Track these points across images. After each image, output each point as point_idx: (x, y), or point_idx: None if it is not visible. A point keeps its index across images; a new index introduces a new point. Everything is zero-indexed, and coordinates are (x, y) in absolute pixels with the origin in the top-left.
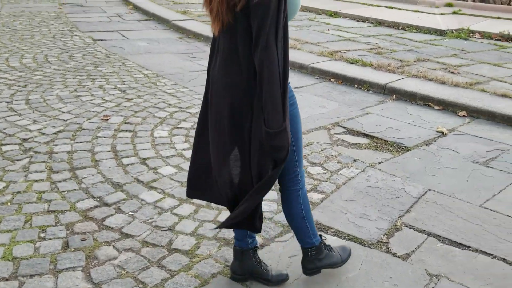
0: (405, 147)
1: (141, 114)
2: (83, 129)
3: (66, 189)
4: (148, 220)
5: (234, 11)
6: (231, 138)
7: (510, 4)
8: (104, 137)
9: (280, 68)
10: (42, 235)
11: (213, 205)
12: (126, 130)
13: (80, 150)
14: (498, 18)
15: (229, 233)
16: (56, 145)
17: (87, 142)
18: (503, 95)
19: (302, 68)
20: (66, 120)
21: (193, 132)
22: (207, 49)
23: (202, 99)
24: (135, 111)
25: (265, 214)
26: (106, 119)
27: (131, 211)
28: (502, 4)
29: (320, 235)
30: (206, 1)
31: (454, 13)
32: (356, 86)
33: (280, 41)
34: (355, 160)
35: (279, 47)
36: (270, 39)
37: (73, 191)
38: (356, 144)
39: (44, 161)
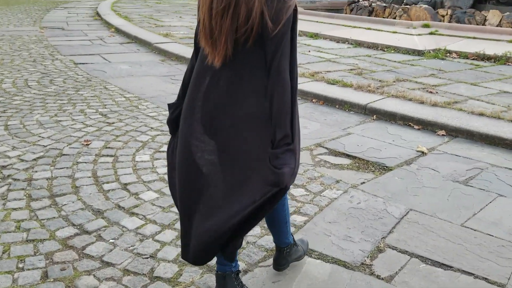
0: (387, 167)
1: (122, 138)
2: (64, 154)
3: (45, 217)
4: (129, 247)
5: (244, 43)
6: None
7: (485, 24)
8: (85, 162)
9: (291, 95)
10: (20, 265)
11: None
12: (107, 155)
13: (60, 177)
14: (474, 38)
15: (212, 260)
16: (36, 171)
17: (67, 168)
18: (481, 114)
19: None
20: (46, 146)
21: None
22: None
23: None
24: (117, 135)
25: (248, 239)
26: (87, 144)
27: (112, 239)
28: (477, 24)
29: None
30: (205, 34)
31: (431, 33)
32: (337, 106)
33: (293, 68)
34: (337, 181)
35: (292, 73)
36: (284, 65)
37: (53, 219)
38: (338, 164)
39: (23, 189)
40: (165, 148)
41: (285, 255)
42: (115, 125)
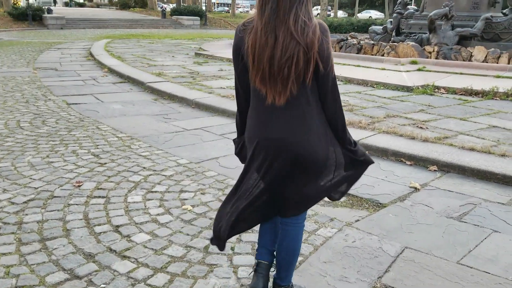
0: (380, 203)
1: (114, 179)
2: (55, 196)
3: (35, 262)
4: None
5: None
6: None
7: (471, 60)
8: (76, 204)
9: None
10: None
11: (188, 273)
12: (99, 196)
13: (51, 219)
14: (461, 73)
15: None
16: (26, 214)
17: (58, 210)
18: (471, 149)
19: None
20: (37, 188)
21: (167, 196)
22: (182, 109)
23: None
24: (109, 176)
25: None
26: (79, 186)
27: (103, 284)
28: (463, 60)
29: None
30: (264, 78)
31: (419, 70)
32: None
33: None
34: (332, 219)
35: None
36: (337, 94)
37: (43, 263)
38: (332, 202)
39: (13, 233)
40: (157, 188)
41: None
42: (107, 165)
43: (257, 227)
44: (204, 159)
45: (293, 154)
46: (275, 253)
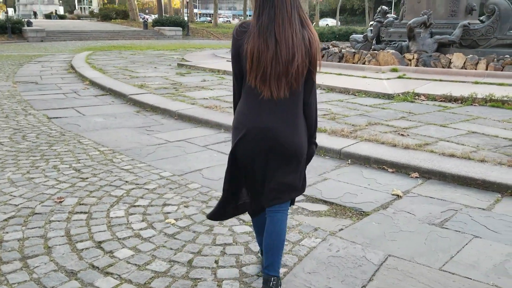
0: (363, 212)
1: (96, 194)
2: (36, 213)
3: (16, 281)
4: None
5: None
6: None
7: (450, 67)
8: (58, 221)
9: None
10: None
11: None
12: (81, 212)
13: (32, 237)
14: (440, 80)
15: None
16: (7, 232)
17: (39, 227)
18: (451, 155)
19: None
20: (18, 205)
21: (150, 209)
22: (165, 121)
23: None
24: (90, 190)
25: None
26: (60, 202)
27: None
28: (442, 67)
29: None
30: (263, 78)
31: (399, 77)
32: None
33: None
34: (315, 229)
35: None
36: (314, 100)
37: (24, 282)
38: (316, 211)
39: None
40: (140, 202)
41: (271, 286)
42: (89, 180)
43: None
44: (187, 171)
45: (280, 143)
46: (263, 243)
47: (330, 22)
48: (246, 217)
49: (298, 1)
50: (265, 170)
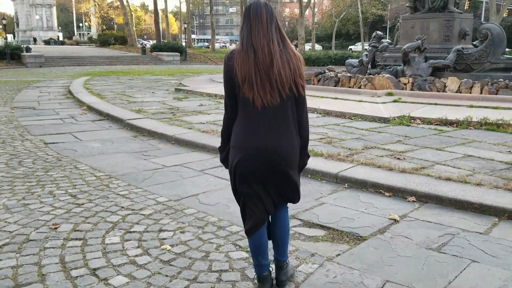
0: (361, 237)
1: (92, 220)
2: (30, 240)
3: None
4: None
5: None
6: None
7: (445, 90)
8: (52, 247)
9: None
10: None
11: None
12: (76, 239)
13: (26, 264)
14: (436, 104)
15: None
16: (1, 260)
17: (34, 254)
18: (448, 179)
19: None
20: (12, 232)
21: (146, 235)
22: (162, 146)
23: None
24: (86, 216)
25: None
26: (55, 228)
27: None
28: (437, 91)
29: None
30: (253, 87)
31: (394, 101)
32: (309, 176)
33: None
34: (312, 254)
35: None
36: (306, 115)
37: None
38: (313, 236)
39: None
40: (136, 228)
41: (283, 270)
42: (85, 206)
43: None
44: (184, 196)
45: (274, 159)
46: (271, 237)
47: (317, 46)
48: (243, 243)
49: (277, 21)
50: (266, 181)
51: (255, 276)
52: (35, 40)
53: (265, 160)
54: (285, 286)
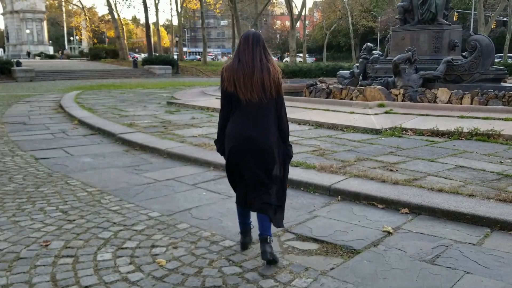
0: (354, 250)
1: (83, 236)
2: (21, 258)
3: None
4: None
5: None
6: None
7: (436, 101)
8: (43, 265)
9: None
10: None
11: None
12: (67, 256)
13: (16, 283)
14: (427, 115)
15: None
16: None
17: (24, 272)
18: (440, 190)
19: None
20: (2, 250)
21: (138, 252)
22: (154, 160)
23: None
24: (77, 233)
25: None
26: (46, 245)
27: None
28: (428, 102)
29: None
30: (243, 88)
31: (386, 112)
32: (302, 189)
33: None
34: (306, 269)
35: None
36: (284, 111)
37: None
38: (306, 250)
39: None
40: (128, 244)
41: (268, 243)
42: (76, 222)
43: None
44: (176, 211)
45: (257, 144)
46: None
47: (302, 58)
48: (236, 257)
49: (263, 44)
50: (250, 164)
51: (240, 230)
52: (28, 54)
53: (251, 145)
54: (269, 257)
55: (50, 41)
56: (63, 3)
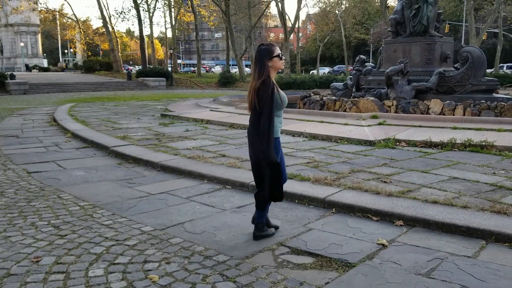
0: (349, 263)
1: (75, 252)
2: (11, 274)
3: None
4: None
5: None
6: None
7: (428, 112)
8: (34, 282)
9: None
10: None
11: None
12: (59, 272)
13: None
14: (420, 126)
15: None
16: None
17: None
18: (434, 202)
19: (243, 187)
20: None
21: (131, 267)
22: (147, 173)
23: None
24: (69, 248)
25: None
26: (37, 261)
27: None
28: (421, 113)
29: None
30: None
31: (380, 124)
32: (296, 201)
33: (268, 115)
34: (301, 283)
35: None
36: (266, 112)
37: None
38: (301, 264)
39: None
40: (120, 259)
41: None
42: (68, 237)
43: None
44: (169, 225)
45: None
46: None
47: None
48: (230, 273)
49: (257, 60)
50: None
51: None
52: (27, 66)
53: (250, 144)
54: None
55: (44, 54)
56: (58, 16)
